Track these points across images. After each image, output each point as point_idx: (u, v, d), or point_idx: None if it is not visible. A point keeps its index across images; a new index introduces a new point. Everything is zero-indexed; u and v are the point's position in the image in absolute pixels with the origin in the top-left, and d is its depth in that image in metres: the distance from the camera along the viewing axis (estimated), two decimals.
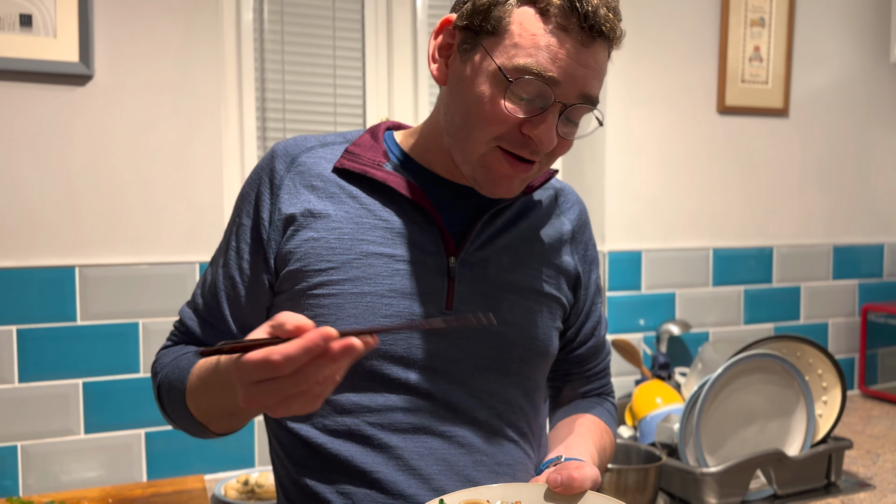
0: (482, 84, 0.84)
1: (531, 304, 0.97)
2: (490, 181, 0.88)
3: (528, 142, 0.84)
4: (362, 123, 1.89)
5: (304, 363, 0.63)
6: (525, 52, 0.81)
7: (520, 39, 0.82)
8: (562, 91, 0.82)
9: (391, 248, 0.91)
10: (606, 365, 1.16)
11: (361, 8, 1.87)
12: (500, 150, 0.86)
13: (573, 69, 0.82)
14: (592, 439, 1.01)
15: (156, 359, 1.01)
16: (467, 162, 0.88)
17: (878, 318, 2.21)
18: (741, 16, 2.03)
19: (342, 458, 0.89)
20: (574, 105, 0.84)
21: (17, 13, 1.45)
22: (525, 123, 0.83)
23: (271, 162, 0.95)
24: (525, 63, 0.81)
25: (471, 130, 0.86)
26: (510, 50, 0.82)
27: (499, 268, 0.95)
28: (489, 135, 0.85)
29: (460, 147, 0.88)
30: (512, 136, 0.84)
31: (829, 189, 2.22)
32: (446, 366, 0.91)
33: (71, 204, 1.52)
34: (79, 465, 1.54)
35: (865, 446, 1.78)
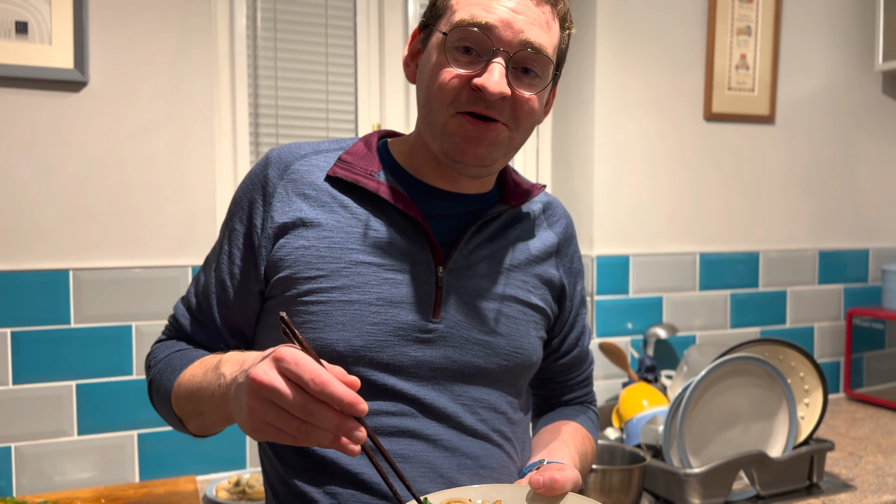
0: (432, 57, 0.90)
1: (517, 313, 0.99)
2: (457, 149, 0.90)
3: (479, 94, 0.86)
4: (354, 129, 1.91)
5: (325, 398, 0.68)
6: (461, 12, 0.87)
7: (456, 6, 0.88)
8: (498, 37, 0.86)
9: (380, 258, 0.93)
10: (589, 374, 1.19)
11: (353, 15, 1.90)
12: (460, 115, 0.88)
13: (508, 15, 0.86)
14: (574, 445, 1.04)
15: (150, 351, 1.04)
16: (435, 137, 0.91)
17: (863, 323, 2.24)
18: (728, 24, 2.06)
19: (329, 460, 0.91)
20: (518, 53, 0.86)
21: (12, 20, 1.47)
22: (473, 78, 0.87)
23: (265, 169, 0.97)
24: (459, 18, 0.86)
25: (431, 104, 0.90)
26: (450, 18, 0.88)
27: (486, 278, 0.98)
28: (445, 101, 0.88)
29: (428, 126, 0.92)
30: (465, 95, 0.87)
31: (815, 195, 2.26)
32: (432, 373, 0.93)
33: (65, 208, 1.54)
34: (72, 465, 1.56)
35: (848, 448, 1.81)
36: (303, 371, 0.68)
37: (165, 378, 0.95)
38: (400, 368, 0.92)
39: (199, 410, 0.89)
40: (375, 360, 0.91)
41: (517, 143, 0.93)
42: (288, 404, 0.68)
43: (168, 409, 0.95)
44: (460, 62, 0.87)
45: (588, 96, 1.98)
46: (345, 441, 0.69)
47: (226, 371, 0.80)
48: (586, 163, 1.99)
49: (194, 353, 0.97)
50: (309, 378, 0.67)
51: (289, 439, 0.71)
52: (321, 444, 0.70)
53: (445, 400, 0.94)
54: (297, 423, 0.69)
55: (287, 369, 0.68)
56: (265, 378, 0.69)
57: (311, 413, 0.68)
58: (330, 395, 0.67)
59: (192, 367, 0.91)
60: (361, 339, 0.90)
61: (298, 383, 0.68)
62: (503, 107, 0.88)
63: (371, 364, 0.91)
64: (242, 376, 0.74)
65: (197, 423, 0.93)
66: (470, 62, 0.87)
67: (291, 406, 0.68)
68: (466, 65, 0.87)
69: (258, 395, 0.70)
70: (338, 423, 0.69)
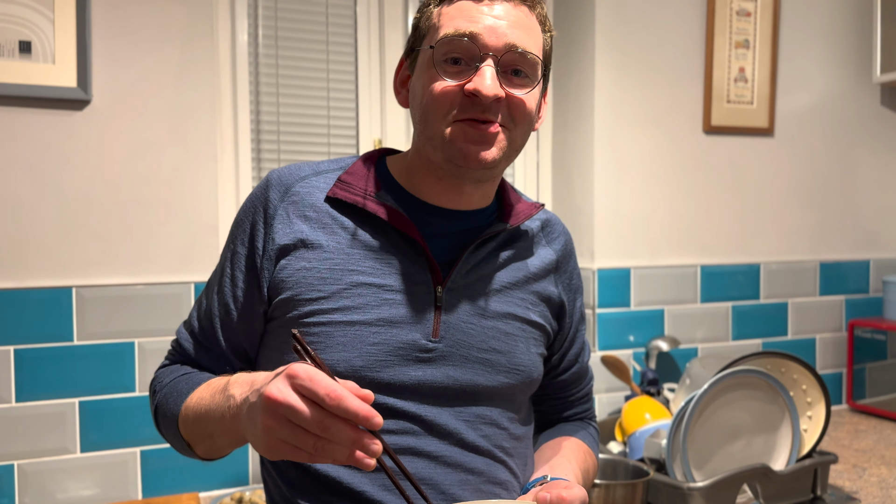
0: (423, 75, 0.92)
1: (516, 331, 1.00)
2: (461, 153, 0.91)
3: (475, 100, 0.89)
4: (355, 146, 1.92)
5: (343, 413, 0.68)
6: (444, 28, 0.90)
7: (439, 23, 0.91)
8: (484, 43, 0.89)
9: (380, 278, 0.94)
10: (589, 390, 1.19)
11: (354, 31, 1.91)
12: (458, 122, 0.91)
13: (490, 21, 0.89)
14: (576, 461, 1.04)
15: (154, 376, 1.04)
16: (437, 148, 0.92)
17: (865, 334, 2.24)
18: (726, 38, 2.08)
19: (331, 479, 0.92)
20: (505, 55, 0.89)
21: (16, 40, 1.49)
22: (465, 86, 0.89)
23: (266, 191, 0.97)
24: (444, 32, 0.90)
25: (427, 118, 0.92)
26: (434, 36, 0.92)
27: (485, 296, 0.98)
28: (441, 112, 0.90)
29: (427, 139, 0.93)
30: (460, 102, 0.90)
31: (815, 206, 2.26)
32: (433, 392, 0.93)
33: (68, 226, 1.55)
34: (75, 483, 1.56)
35: (852, 460, 1.80)
36: (318, 387, 0.68)
37: (172, 402, 0.95)
38: (401, 388, 0.92)
39: (208, 433, 0.89)
40: (376, 379, 0.91)
41: (517, 144, 0.95)
42: (304, 421, 0.68)
43: (175, 433, 0.94)
44: (450, 73, 0.90)
45: (587, 110, 1.99)
46: (360, 455, 0.69)
47: (235, 392, 0.80)
48: (586, 176, 2.00)
49: (200, 376, 0.97)
50: (324, 393, 0.67)
51: (304, 457, 0.71)
52: (337, 461, 0.70)
53: (447, 417, 0.94)
54: (313, 439, 0.69)
55: (302, 386, 0.68)
56: (280, 396, 0.69)
57: (328, 428, 0.68)
58: (346, 409, 0.67)
59: (198, 389, 0.91)
60: (362, 360, 0.91)
61: (314, 399, 0.68)
62: (498, 109, 0.90)
63: (371, 384, 0.91)
64: (255, 396, 0.74)
65: (206, 446, 0.92)
66: (459, 71, 0.90)
67: (308, 423, 0.68)
68: (456, 74, 0.90)
69: (274, 414, 0.70)
70: (354, 438, 0.69)
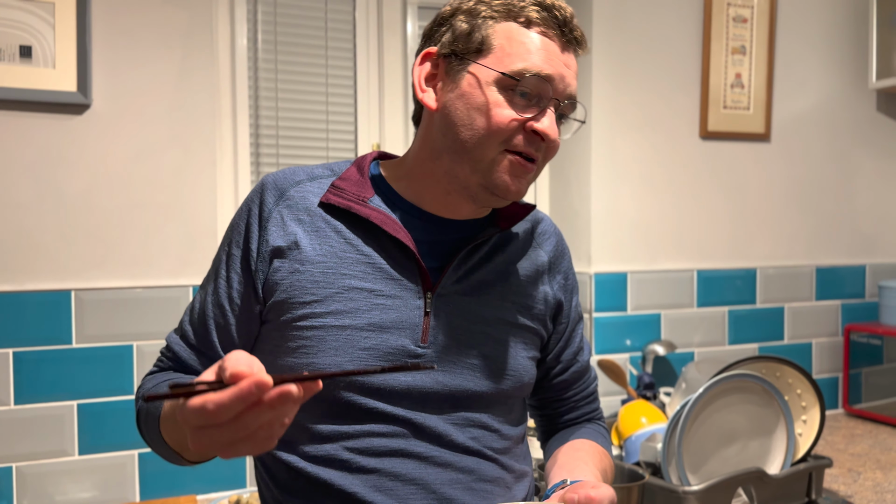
0: (483, 95, 0.91)
1: (506, 336, 1.00)
2: (504, 185, 0.93)
3: (534, 138, 0.91)
4: (354, 149, 1.93)
5: (240, 411, 0.62)
6: (519, 58, 0.90)
7: (511, 49, 0.90)
8: (555, 89, 0.91)
9: (371, 283, 0.94)
10: (593, 390, 1.19)
11: (353, 37, 1.92)
12: (508, 153, 0.92)
13: (561, 68, 0.91)
14: (593, 462, 1.03)
15: (140, 384, 1.03)
16: (476, 171, 0.93)
17: (861, 338, 2.25)
18: (722, 44, 2.09)
19: (322, 481, 0.92)
20: (564, 104, 0.93)
21: (17, 44, 1.50)
22: (530, 121, 0.91)
23: (261, 194, 0.98)
24: (524, 66, 0.90)
25: (479, 140, 0.91)
26: (504, 59, 0.90)
27: (474, 302, 0.99)
28: (498, 139, 0.91)
29: (468, 159, 0.93)
30: (521, 136, 0.91)
31: (812, 211, 2.27)
32: (422, 396, 0.94)
33: (68, 229, 1.55)
34: (73, 485, 1.56)
35: (847, 464, 1.81)
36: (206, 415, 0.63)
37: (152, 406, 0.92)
38: (390, 393, 0.93)
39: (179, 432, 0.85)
40: (366, 384, 0.92)
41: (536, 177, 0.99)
42: (230, 436, 0.64)
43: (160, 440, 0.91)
44: (518, 105, 0.91)
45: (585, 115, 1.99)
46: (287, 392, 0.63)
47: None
48: (583, 181, 2.01)
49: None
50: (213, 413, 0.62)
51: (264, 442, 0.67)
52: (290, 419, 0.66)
53: (436, 420, 0.95)
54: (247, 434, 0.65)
55: (201, 425, 0.64)
56: (201, 445, 0.65)
57: (248, 423, 0.64)
58: (231, 405, 0.62)
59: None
60: (352, 364, 0.92)
61: (214, 423, 0.63)
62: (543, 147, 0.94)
63: (362, 388, 0.92)
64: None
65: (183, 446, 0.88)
66: (526, 106, 0.91)
67: (233, 435, 0.64)
68: (524, 108, 0.91)
69: (208, 450, 0.66)
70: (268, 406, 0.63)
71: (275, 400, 0.63)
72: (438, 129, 0.95)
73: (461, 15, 0.94)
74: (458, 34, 0.93)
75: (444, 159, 0.95)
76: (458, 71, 0.93)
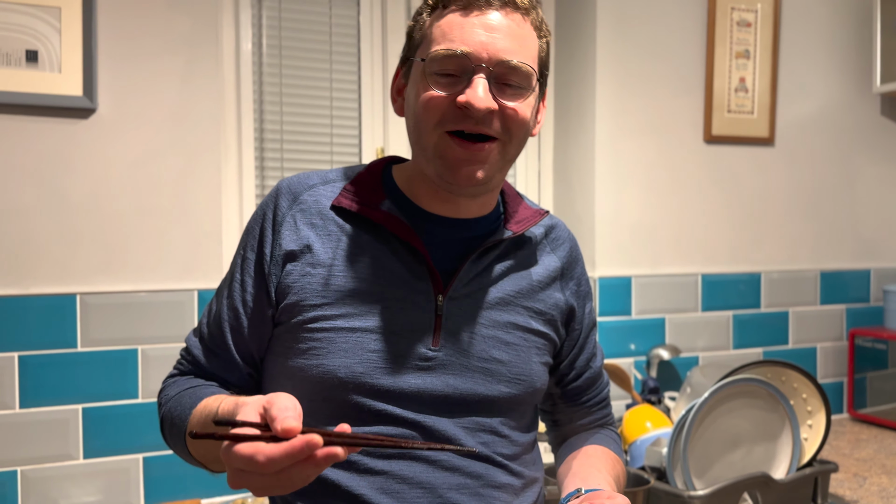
0: (416, 85, 0.93)
1: (517, 340, 1.00)
2: (449, 169, 0.92)
3: (465, 111, 0.89)
4: (358, 154, 1.94)
5: (287, 465, 0.65)
6: (435, 41, 0.91)
7: (431, 36, 0.92)
8: (476, 57, 0.89)
9: (382, 286, 0.95)
10: (605, 395, 1.18)
11: (357, 41, 1.93)
12: (449, 135, 0.91)
13: (479, 36, 0.90)
14: (606, 470, 1.03)
15: (161, 388, 1.04)
16: (428, 160, 0.94)
17: (866, 343, 2.24)
18: (726, 48, 2.09)
19: (330, 482, 0.93)
20: (497, 68, 0.90)
21: (23, 49, 1.50)
22: (457, 97, 0.90)
23: (275, 199, 0.99)
24: (437, 48, 0.90)
25: (419, 128, 0.93)
26: (427, 47, 0.92)
27: (486, 305, 0.99)
28: (431, 122, 0.91)
29: (421, 151, 0.95)
30: (451, 113, 0.90)
31: (816, 216, 2.27)
32: (432, 400, 0.94)
33: (73, 233, 1.56)
34: (78, 489, 1.56)
35: (853, 469, 1.80)
36: (254, 465, 0.66)
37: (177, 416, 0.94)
38: (400, 395, 0.93)
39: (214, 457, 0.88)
40: (375, 386, 0.92)
41: (511, 155, 0.95)
42: (270, 484, 0.68)
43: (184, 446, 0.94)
44: (441, 84, 0.91)
45: (589, 120, 2.00)
46: (335, 454, 0.67)
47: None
48: (587, 185, 2.01)
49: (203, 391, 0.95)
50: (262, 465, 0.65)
51: (295, 487, 0.70)
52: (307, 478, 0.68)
53: (446, 423, 0.95)
54: (287, 484, 0.68)
55: (244, 469, 0.67)
56: (239, 484, 0.69)
57: (292, 476, 0.67)
58: (280, 461, 0.65)
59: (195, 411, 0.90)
60: (362, 366, 0.92)
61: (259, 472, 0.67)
62: (492, 121, 0.91)
63: (371, 391, 0.92)
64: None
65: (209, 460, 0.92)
66: (451, 83, 0.90)
67: (274, 484, 0.68)
68: (448, 86, 0.90)
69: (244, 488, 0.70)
70: (314, 464, 0.67)
71: (321, 460, 0.66)
72: (408, 131, 0.99)
73: (412, 21, 0.98)
74: (408, 39, 0.98)
75: (418, 158, 0.97)
76: (407, 73, 0.98)
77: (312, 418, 0.94)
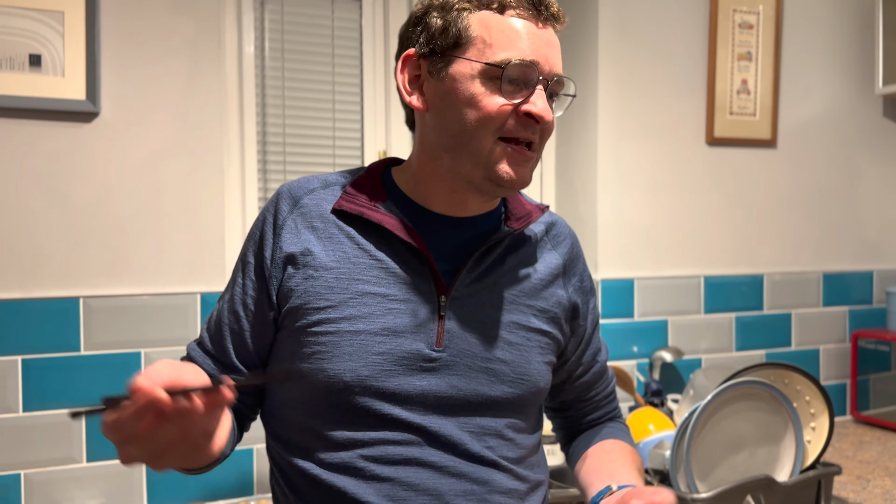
0: (471, 88, 0.91)
1: (521, 340, 1.00)
2: (506, 175, 0.92)
3: (527, 121, 0.91)
4: (360, 156, 1.94)
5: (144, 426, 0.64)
6: (500, 46, 0.90)
7: (490, 38, 0.90)
8: (541, 70, 0.91)
9: (385, 288, 0.95)
10: (613, 388, 1.20)
11: (360, 44, 1.93)
12: (503, 141, 0.92)
13: (542, 49, 0.91)
14: (628, 463, 1.04)
15: None
16: (478, 165, 0.93)
17: (869, 345, 2.24)
18: (728, 50, 2.09)
19: (337, 489, 0.93)
20: (553, 81, 0.92)
21: (26, 53, 1.50)
22: (522, 105, 0.91)
23: (276, 203, 0.99)
24: (506, 54, 0.89)
25: (473, 132, 0.91)
26: (485, 50, 0.90)
27: (489, 305, 0.99)
28: (492, 128, 0.91)
29: (466, 153, 0.93)
30: (514, 122, 0.91)
31: (819, 217, 2.27)
32: (437, 402, 0.94)
33: (76, 236, 1.56)
34: (81, 492, 1.56)
35: (856, 472, 1.80)
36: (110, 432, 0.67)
37: None
38: (405, 398, 0.93)
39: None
40: (381, 389, 0.92)
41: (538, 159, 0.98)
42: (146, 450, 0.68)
43: None
44: (506, 92, 0.91)
45: (591, 122, 2.00)
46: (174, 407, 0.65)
47: None
48: (590, 187, 2.01)
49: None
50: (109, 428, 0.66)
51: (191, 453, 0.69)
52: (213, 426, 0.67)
53: (451, 427, 0.95)
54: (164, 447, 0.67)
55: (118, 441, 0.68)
56: (125, 458, 0.69)
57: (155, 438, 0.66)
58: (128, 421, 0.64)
59: None
60: (367, 369, 0.92)
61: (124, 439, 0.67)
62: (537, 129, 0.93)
63: (377, 394, 0.92)
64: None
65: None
66: (515, 91, 0.91)
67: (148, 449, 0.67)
68: (512, 94, 0.91)
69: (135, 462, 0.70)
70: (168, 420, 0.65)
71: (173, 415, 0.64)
72: (433, 129, 0.96)
73: (434, 11, 0.94)
74: (434, 31, 0.93)
75: (445, 158, 0.95)
76: (440, 68, 0.93)
77: (317, 422, 0.94)
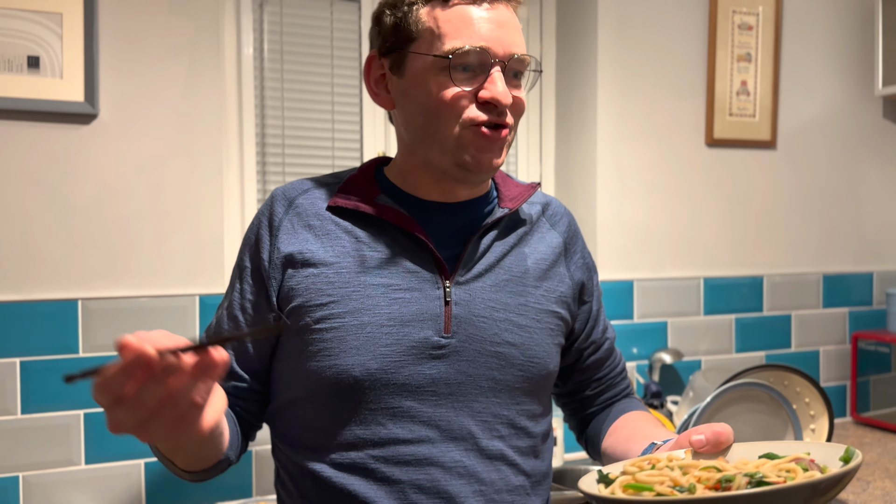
0: (427, 80, 0.93)
1: (529, 322, 1.00)
2: (474, 160, 0.93)
3: (489, 105, 0.92)
4: (359, 157, 1.94)
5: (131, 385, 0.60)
6: (448, 37, 0.91)
7: (438, 29, 0.92)
8: (494, 53, 0.91)
9: (388, 278, 0.95)
10: (624, 365, 1.20)
11: (359, 46, 1.93)
12: (472, 127, 0.92)
13: (493, 31, 0.92)
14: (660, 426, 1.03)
15: None
16: (446, 152, 0.94)
17: (869, 346, 2.24)
18: (728, 51, 2.09)
19: (348, 491, 0.92)
20: (510, 62, 0.93)
21: (25, 55, 1.50)
22: (479, 91, 0.91)
23: (271, 206, 1.00)
24: (453, 43, 0.91)
25: (437, 122, 0.93)
26: (434, 41, 0.92)
27: (494, 288, 0.99)
28: (451, 117, 0.92)
29: (434, 143, 0.94)
30: (473, 108, 0.92)
31: (819, 219, 2.27)
32: (448, 389, 0.94)
33: (74, 238, 1.56)
34: (79, 495, 1.56)
35: (856, 473, 1.80)
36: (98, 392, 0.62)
37: None
38: (416, 388, 0.93)
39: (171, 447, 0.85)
40: (392, 381, 0.92)
41: (512, 139, 0.98)
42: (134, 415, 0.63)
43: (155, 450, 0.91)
44: (461, 79, 0.92)
45: (590, 123, 2.00)
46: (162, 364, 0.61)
47: None
48: (589, 189, 2.01)
49: None
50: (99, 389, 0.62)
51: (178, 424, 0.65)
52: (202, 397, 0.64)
53: (464, 418, 0.94)
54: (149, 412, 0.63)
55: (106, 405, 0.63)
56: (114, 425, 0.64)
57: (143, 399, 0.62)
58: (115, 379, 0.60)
59: None
60: (376, 362, 0.91)
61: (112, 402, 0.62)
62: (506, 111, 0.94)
63: (388, 387, 0.92)
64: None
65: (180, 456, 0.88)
66: (469, 77, 0.92)
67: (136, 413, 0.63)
68: (467, 81, 0.92)
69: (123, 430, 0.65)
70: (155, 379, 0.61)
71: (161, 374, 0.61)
72: (401, 125, 0.98)
73: (386, 10, 0.97)
74: (388, 29, 0.96)
75: (417, 150, 0.97)
76: (399, 65, 0.96)
77: (326, 421, 0.94)
